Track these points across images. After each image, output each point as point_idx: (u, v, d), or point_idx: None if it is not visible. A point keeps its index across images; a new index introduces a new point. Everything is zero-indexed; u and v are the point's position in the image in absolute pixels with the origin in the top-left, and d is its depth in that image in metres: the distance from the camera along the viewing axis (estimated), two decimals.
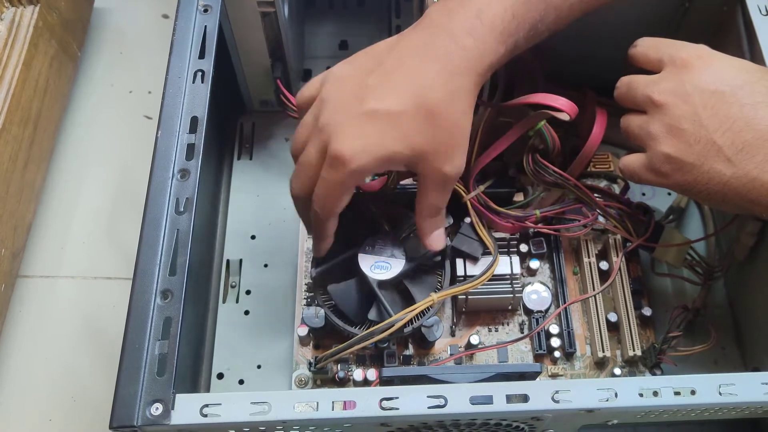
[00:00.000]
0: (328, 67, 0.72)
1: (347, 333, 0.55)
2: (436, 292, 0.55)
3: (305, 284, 0.60)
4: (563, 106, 0.52)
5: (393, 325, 0.51)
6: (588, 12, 0.53)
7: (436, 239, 0.52)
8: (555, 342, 0.58)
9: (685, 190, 0.49)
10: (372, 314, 0.55)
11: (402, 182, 0.60)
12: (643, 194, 0.66)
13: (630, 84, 0.51)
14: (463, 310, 0.60)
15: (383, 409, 0.41)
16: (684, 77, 0.48)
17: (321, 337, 0.58)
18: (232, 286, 0.63)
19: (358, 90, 0.46)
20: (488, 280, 0.55)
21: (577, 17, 0.52)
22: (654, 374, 0.57)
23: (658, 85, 0.49)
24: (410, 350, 0.58)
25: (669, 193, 0.65)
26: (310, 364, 0.56)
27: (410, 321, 0.53)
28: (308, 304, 0.59)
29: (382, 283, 0.55)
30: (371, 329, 0.51)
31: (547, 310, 0.60)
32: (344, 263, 0.56)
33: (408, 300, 0.56)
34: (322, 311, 0.55)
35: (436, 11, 0.49)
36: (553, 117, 0.53)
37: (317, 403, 0.41)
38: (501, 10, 0.48)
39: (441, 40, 0.47)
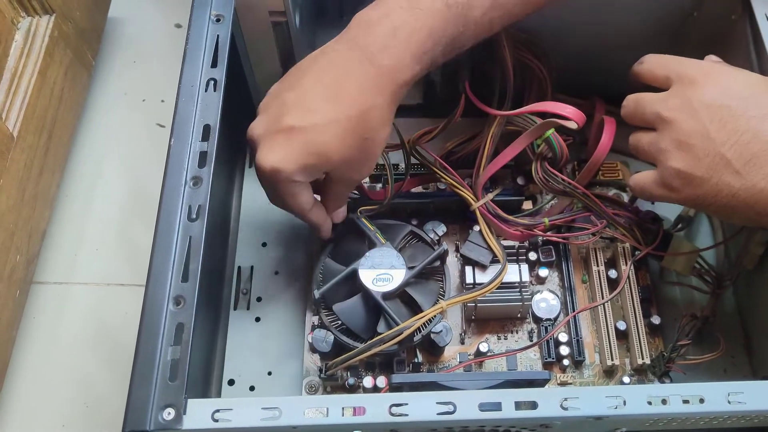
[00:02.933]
0: None
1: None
2: (440, 297, 0.55)
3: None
4: (571, 115, 0.52)
5: (402, 333, 0.51)
6: (508, 24, 0.52)
7: (337, 215, 0.57)
8: (564, 350, 0.59)
9: (695, 204, 0.49)
10: (381, 327, 0.55)
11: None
12: (652, 203, 0.66)
13: (638, 102, 0.51)
14: (473, 317, 0.60)
15: (392, 415, 0.41)
16: (691, 94, 0.48)
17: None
18: (244, 293, 0.64)
19: (280, 106, 0.49)
20: (497, 288, 0.56)
21: (497, 30, 0.52)
22: (663, 383, 0.57)
23: (666, 102, 0.49)
24: (420, 358, 0.59)
25: None
26: (320, 370, 0.56)
27: (418, 329, 0.53)
28: (316, 327, 0.58)
29: (386, 295, 0.55)
30: (381, 336, 0.52)
31: (556, 318, 0.60)
32: (346, 281, 0.56)
33: (414, 309, 0.56)
34: (331, 336, 0.55)
35: (356, 25, 0.50)
36: (562, 125, 0.54)
37: (327, 408, 0.41)
38: (417, 27, 0.48)
39: (357, 57, 0.48)
